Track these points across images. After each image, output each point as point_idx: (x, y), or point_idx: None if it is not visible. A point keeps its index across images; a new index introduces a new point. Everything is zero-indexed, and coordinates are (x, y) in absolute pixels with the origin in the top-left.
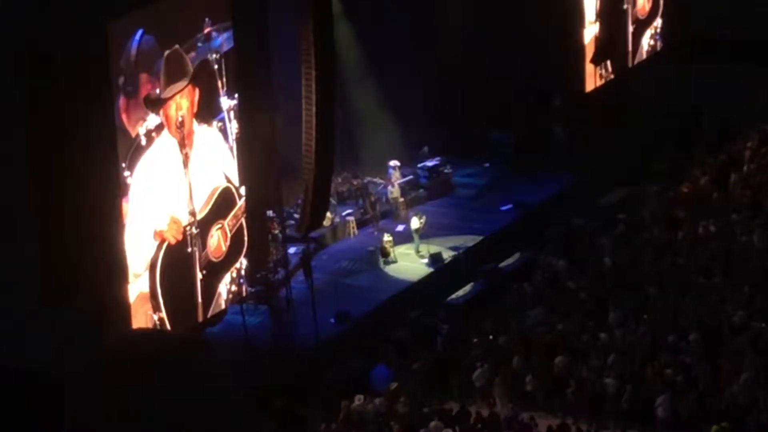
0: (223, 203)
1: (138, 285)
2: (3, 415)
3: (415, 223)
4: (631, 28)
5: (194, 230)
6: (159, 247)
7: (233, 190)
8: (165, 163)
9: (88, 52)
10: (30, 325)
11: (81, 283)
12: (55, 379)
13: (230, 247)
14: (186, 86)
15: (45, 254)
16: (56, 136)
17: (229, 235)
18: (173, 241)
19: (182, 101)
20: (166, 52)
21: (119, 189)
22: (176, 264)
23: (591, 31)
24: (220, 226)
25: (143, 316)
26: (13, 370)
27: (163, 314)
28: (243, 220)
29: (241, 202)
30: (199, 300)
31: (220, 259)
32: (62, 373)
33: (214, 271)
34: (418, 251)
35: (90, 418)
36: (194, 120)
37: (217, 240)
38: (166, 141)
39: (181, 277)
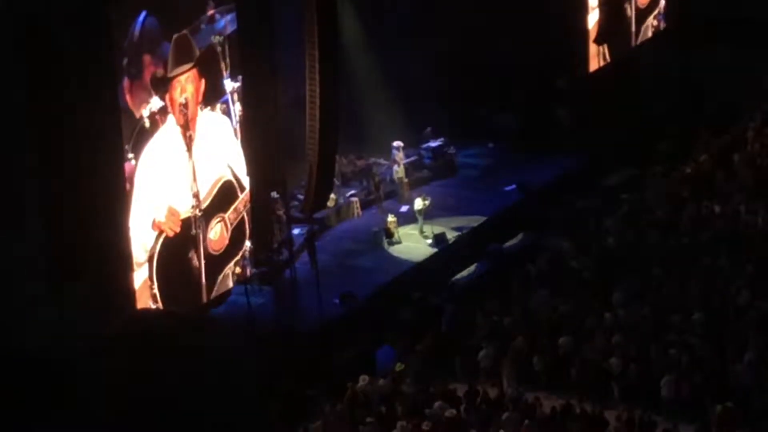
0: (224, 196)
1: (141, 273)
2: (8, 399)
3: (419, 204)
4: (633, 14)
5: (198, 212)
6: (157, 238)
7: (235, 183)
8: (168, 151)
9: (90, 32)
10: (35, 311)
11: (85, 267)
12: (59, 364)
13: (231, 241)
14: (192, 68)
15: (50, 239)
16: (59, 117)
17: (230, 228)
18: (170, 234)
19: (187, 85)
20: (174, 36)
21: (123, 171)
22: (173, 256)
23: (594, 16)
24: (220, 219)
25: (146, 304)
26: (17, 356)
27: (160, 305)
28: (245, 214)
29: (242, 196)
30: (200, 291)
31: (219, 252)
32: (66, 359)
33: (214, 263)
34: (422, 232)
35: (100, 398)
36: (199, 107)
37: (218, 233)
38: (170, 129)
39: (178, 269)
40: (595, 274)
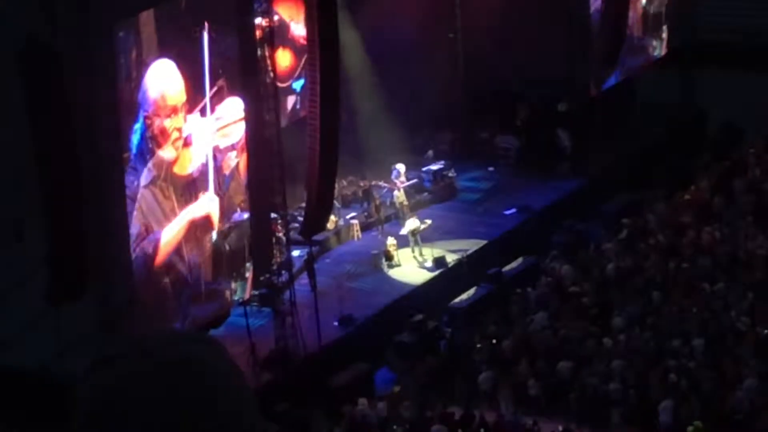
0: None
1: None
2: (6, 416)
3: (412, 224)
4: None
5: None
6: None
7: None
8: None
9: (93, 52)
10: (35, 326)
11: (87, 284)
12: (59, 381)
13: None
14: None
15: (50, 255)
16: (61, 135)
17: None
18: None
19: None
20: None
21: (125, 188)
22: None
23: (597, 37)
24: None
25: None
26: (17, 372)
27: None
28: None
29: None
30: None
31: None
32: (67, 374)
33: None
34: (420, 254)
35: (97, 416)
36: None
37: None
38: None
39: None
40: (595, 298)
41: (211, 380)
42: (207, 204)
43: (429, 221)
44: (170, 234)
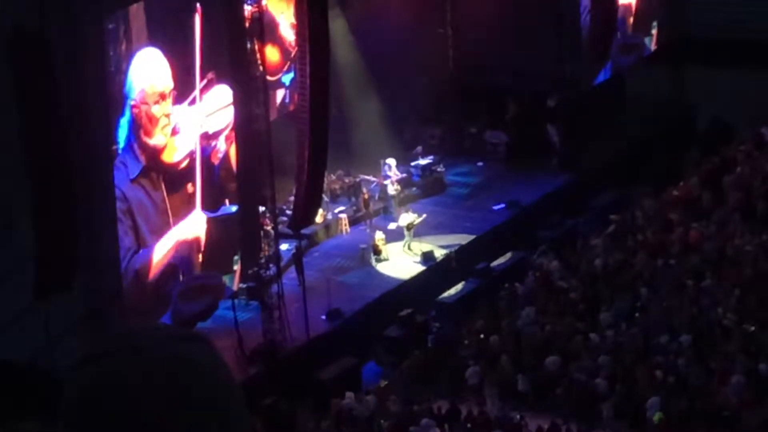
0: None
1: None
2: None
3: (407, 218)
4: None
5: None
6: None
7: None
8: None
9: (83, 44)
10: (23, 318)
11: (74, 276)
12: (47, 374)
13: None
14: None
15: (39, 247)
16: (51, 126)
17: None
18: None
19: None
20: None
21: (113, 181)
22: None
23: (587, 32)
24: None
25: None
26: (3, 364)
27: None
28: None
29: None
30: None
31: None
32: (55, 368)
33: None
34: (409, 248)
35: (84, 415)
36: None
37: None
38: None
39: None
40: (583, 294)
41: (199, 379)
42: (195, 224)
43: (425, 215)
44: (161, 253)
